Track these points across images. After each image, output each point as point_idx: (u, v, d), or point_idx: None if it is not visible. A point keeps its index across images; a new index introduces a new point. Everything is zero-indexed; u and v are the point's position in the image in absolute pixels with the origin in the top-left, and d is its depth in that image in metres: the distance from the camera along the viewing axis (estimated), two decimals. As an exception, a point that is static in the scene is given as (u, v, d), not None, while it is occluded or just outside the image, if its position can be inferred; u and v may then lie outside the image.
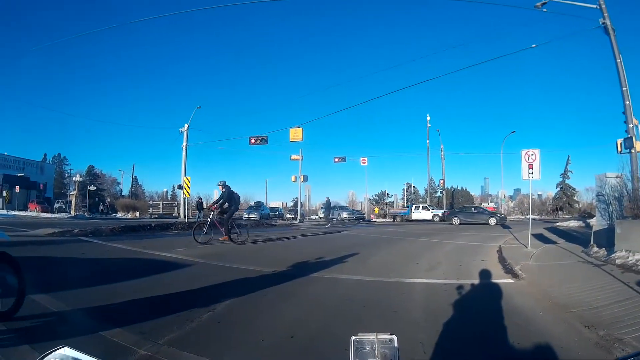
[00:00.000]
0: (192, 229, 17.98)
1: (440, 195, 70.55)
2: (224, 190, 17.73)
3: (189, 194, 38.85)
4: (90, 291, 7.60)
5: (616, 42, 18.11)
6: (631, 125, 17.13)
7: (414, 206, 55.32)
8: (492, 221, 37.12)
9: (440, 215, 50.29)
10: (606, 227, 13.67)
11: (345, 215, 51.03)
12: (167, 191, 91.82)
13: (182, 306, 6.52)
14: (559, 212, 70.59)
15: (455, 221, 39.05)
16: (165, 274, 9.77)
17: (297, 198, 49.26)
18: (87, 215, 50.23)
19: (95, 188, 66.53)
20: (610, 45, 18.23)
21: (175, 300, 7.20)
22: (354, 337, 1.55)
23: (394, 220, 53.95)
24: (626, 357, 1.37)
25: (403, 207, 63.28)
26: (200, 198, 49.05)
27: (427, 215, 51.32)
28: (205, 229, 16.87)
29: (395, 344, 1.53)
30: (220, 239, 17.16)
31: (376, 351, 1.51)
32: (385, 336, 1.55)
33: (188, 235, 19.43)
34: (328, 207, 43.47)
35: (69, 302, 6.65)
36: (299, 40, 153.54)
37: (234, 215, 18.54)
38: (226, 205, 18.02)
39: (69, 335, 5.07)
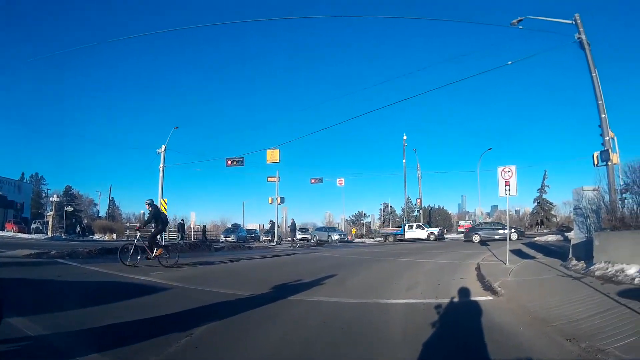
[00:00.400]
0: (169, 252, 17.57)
1: (418, 214, 70.81)
2: (151, 209, 16.99)
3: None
4: (66, 315, 7.39)
5: (592, 56, 18.43)
6: (607, 138, 17.34)
7: (407, 225, 54.65)
8: (514, 236, 36.70)
9: (436, 233, 50.19)
10: (584, 239, 13.74)
11: (336, 236, 53.07)
12: (143, 213, 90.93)
13: (160, 331, 6.39)
14: (539, 226, 71.27)
15: (476, 238, 37.77)
16: (142, 298, 9.55)
17: (272, 220, 48.91)
18: (64, 237, 49.11)
19: (72, 209, 65.73)
20: (586, 59, 18.54)
21: (153, 324, 7.05)
22: None
23: (385, 241, 53.40)
24: None
25: (397, 226, 62.57)
26: (182, 220, 48.55)
27: (422, 234, 50.65)
28: (131, 251, 16.15)
29: None
30: (148, 257, 16.57)
31: None
32: None
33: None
34: (293, 229, 43.38)
35: (46, 325, 6.47)
36: (276, 61, 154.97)
37: (161, 234, 18.55)
38: (152, 225, 17.68)
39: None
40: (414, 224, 54.84)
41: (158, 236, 17.49)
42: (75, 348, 5.43)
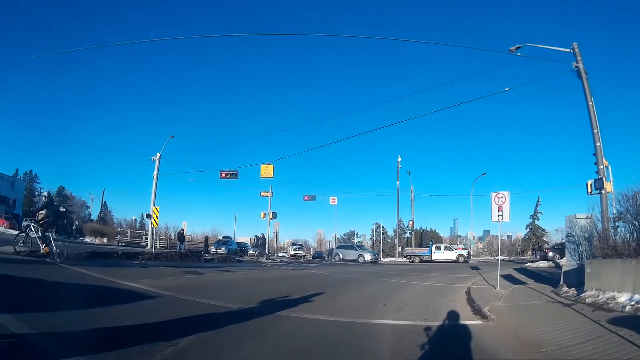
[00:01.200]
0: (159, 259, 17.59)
1: (409, 236, 70.89)
2: (45, 200, 17.84)
3: (157, 224, 38.30)
4: (53, 316, 7.37)
5: (588, 85, 18.66)
6: (602, 167, 17.56)
7: (434, 246, 53.53)
8: None
9: (465, 255, 49.94)
10: (576, 267, 13.87)
11: (369, 257, 48.97)
12: (135, 219, 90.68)
13: (146, 338, 6.38)
14: (533, 252, 71.39)
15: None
16: (130, 304, 9.51)
17: (263, 234, 48.66)
18: (54, 237, 48.62)
19: (64, 209, 65.26)
20: (583, 88, 18.78)
21: (139, 331, 7.05)
22: None
23: (410, 261, 51.92)
24: None
25: (420, 246, 62.63)
26: (182, 229, 48.15)
27: (450, 255, 50.14)
28: (24, 238, 16.94)
29: None
30: (40, 251, 16.92)
31: None
32: None
33: (154, 266, 19.76)
34: (263, 244, 43.39)
35: (31, 324, 6.46)
36: (274, 78, 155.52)
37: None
38: (42, 215, 17.97)
39: (30, 359, 5.00)
40: (442, 245, 54.52)
41: (48, 231, 17.52)
42: (60, 349, 5.49)
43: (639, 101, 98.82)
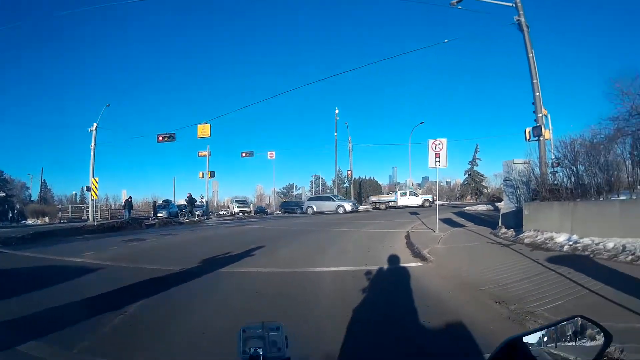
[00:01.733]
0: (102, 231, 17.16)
1: (348, 185, 71.25)
2: None
3: (97, 195, 37.28)
4: (1, 304, 7.19)
5: (529, 38, 18.77)
6: (540, 115, 17.86)
7: (399, 192, 53.75)
8: None
9: (431, 200, 49.22)
10: (514, 209, 14.23)
11: (349, 207, 44.56)
12: (76, 194, 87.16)
13: (94, 311, 6.36)
14: (472, 196, 73.11)
15: None
16: (76, 280, 9.38)
17: (190, 194, 47.86)
18: None
19: (4, 194, 62.57)
20: (524, 41, 18.90)
21: (87, 306, 6.94)
22: (242, 327, 1.56)
23: (374, 209, 51.38)
24: (540, 328, 1.20)
25: (359, 195, 61.95)
26: (130, 197, 46.44)
27: (416, 201, 49.93)
28: None
29: (282, 332, 1.56)
30: None
31: (263, 339, 1.53)
32: (273, 324, 1.58)
33: (98, 238, 19.82)
34: (191, 203, 42.97)
35: None
36: (206, 35, 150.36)
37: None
38: None
39: None
40: (407, 191, 54.18)
41: None
42: (13, 337, 5.28)
43: (579, 54, 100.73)
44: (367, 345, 4.78)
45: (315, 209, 45.69)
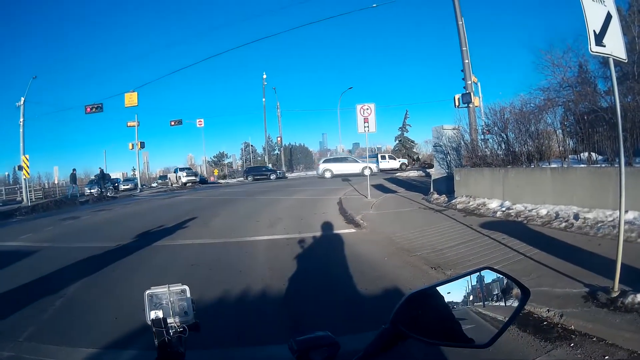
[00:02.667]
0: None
1: (278, 152, 71.02)
2: None
3: (28, 174, 35.53)
4: None
5: (459, 5, 18.83)
6: (469, 82, 18.12)
7: (379, 156, 52.46)
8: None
9: (406, 163, 50.95)
10: (445, 175, 14.42)
11: (375, 168, 38.71)
12: (8, 174, 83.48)
13: (34, 296, 6.20)
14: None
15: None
16: (13, 265, 8.99)
17: (134, 167, 46.63)
18: None
19: None
20: (454, 8, 18.93)
21: (26, 291, 6.75)
22: (147, 292, 1.47)
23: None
24: (445, 281, 1.09)
25: (290, 163, 61.49)
26: (74, 169, 44.19)
27: (394, 164, 50.27)
28: None
29: (188, 295, 1.51)
30: None
31: (170, 304, 1.48)
32: (178, 287, 1.51)
33: (33, 219, 19.22)
34: (102, 178, 42.02)
35: None
36: (133, 1, 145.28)
37: None
38: None
39: None
40: (387, 155, 54.70)
41: None
42: None
43: (509, 23, 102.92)
44: (304, 313, 4.77)
45: (334, 171, 39.15)
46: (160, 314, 1.42)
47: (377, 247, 7.84)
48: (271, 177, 45.96)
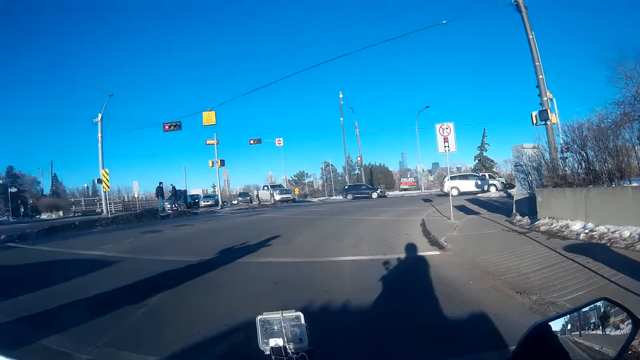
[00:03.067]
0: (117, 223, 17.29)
1: (359, 172, 70.93)
2: None
3: (108, 187, 37.24)
4: (22, 299, 7.29)
5: (528, 19, 18.62)
6: (545, 99, 17.79)
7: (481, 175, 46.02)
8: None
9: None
10: (527, 195, 14.15)
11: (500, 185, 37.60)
12: (87, 187, 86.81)
13: (115, 305, 6.43)
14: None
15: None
16: (95, 273, 9.47)
17: (214, 184, 47.70)
18: (11, 220, 45.56)
19: (16, 190, 62.47)
20: (522, 22, 18.72)
21: (109, 299, 7.01)
22: (259, 317, 1.52)
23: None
24: (564, 313, 1.22)
25: (370, 182, 61.01)
26: (161, 183, 45.76)
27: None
28: None
29: (303, 321, 1.51)
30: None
31: (283, 330, 1.49)
32: (292, 314, 1.53)
33: (113, 230, 19.84)
34: (174, 194, 42.68)
35: (2, 312, 6.36)
36: (209, 21, 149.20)
37: None
38: None
39: (5, 346, 4.75)
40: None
41: None
42: (34, 332, 5.36)
43: (583, 36, 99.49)
44: (391, 336, 4.81)
45: (460, 189, 37.21)
46: (280, 341, 1.46)
47: (461, 270, 7.81)
48: (372, 196, 45.23)
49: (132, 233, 18.20)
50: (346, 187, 55.29)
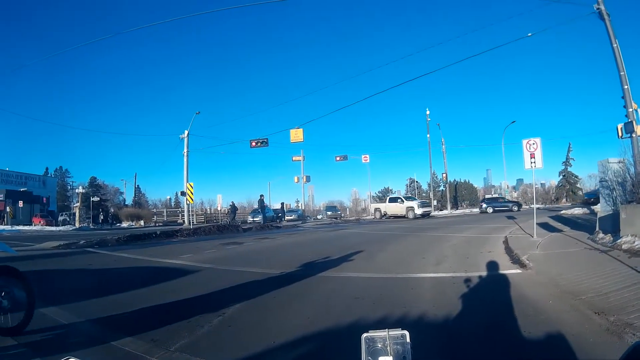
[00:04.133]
0: (198, 234, 17.68)
1: (444, 189, 69.89)
2: None
3: (192, 199, 38.57)
4: (99, 302, 7.58)
5: (611, 27, 17.94)
6: (631, 110, 16.99)
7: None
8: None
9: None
10: (611, 212, 13.57)
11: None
12: (170, 198, 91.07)
13: (192, 312, 6.46)
14: (567, 199, 69.75)
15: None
16: (173, 281, 9.69)
17: (298, 199, 48.38)
18: (91, 227, 48.92)
19: (98, 199, 65.75)
20: (606, 30, 18.09)
21: (185, 306, 7.14)
22: (365, 335, 1.50)
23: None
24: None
25: (455, 199, 59.95)
26: (262, 195, 46.81)
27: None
28: None
29: (408, 340, 1.48)
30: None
31: (388, 347, 1.47)
32: (397, 332, 1.50)
33: (194, 241, 20.05)
34: (233, 211, 43.21)
35: (78, 313, 6.62)
36: (297, 40, 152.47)
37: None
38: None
39: (79, 346, 5.06)
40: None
41: None
42: (108, 333, 5.56)
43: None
44: (468, 355, 4.82)
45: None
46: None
47: (541, 289, 7.61)
48: (514, 209, 44.53)
49: (213, 244, 18.37)
50: (485, 199, 54.40)
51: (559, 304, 6.56)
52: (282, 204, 44.41)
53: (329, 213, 58.54)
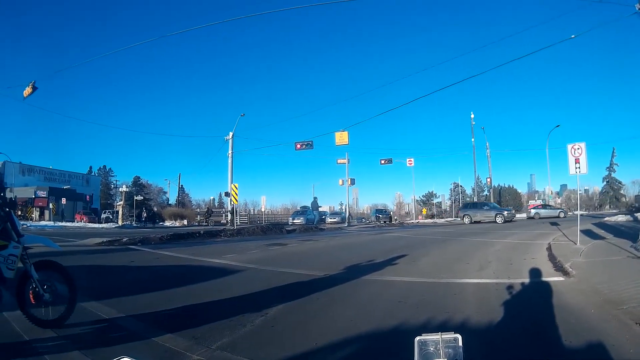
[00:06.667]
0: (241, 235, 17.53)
1: (488, 193, 68.39)
2: None
3: (237, 200, 38.61)
4: (140, 298, 7.63)
5: None
6: (675, 115, 16.30)
7: None
8: None
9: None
10: (655, 220, 13.09)
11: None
12: (213, 199, 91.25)
13: (234, 311, 6.41)
14: (610, 205, 67.45)
15: None
16: (215, 280, 9.64)
17: (342, 202, 48.12)
18: (134, 225, 49.39)
19: (142, 198, 66.34)
20: None
21: (227, 305, 7.11)
22: (418, 338, 1.52)
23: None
24: None
25: (499, 203, 57.39)
26: (315, 197, 46.62)
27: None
28: None
29: (460, 343, 1.52)
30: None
31: (440, 351, 1.49)
32: (450, 336, 1.53)
33: (238, 241, 20.01)
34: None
35: (120, 309, 6.66)
36: (343, 43, 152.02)
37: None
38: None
39: (120, 341, 5.11)
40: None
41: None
42: (149, 329, 5.58)
43: None
44: None
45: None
46: None
47: (583, 297, 7.37)
48: (560, 215, 44.79)
49: (256, 245, 18.20)
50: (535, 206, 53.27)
51: (601, 312, 6.34)
52: (315, 198, 43.88)
53: (380, 215, 56.99)
